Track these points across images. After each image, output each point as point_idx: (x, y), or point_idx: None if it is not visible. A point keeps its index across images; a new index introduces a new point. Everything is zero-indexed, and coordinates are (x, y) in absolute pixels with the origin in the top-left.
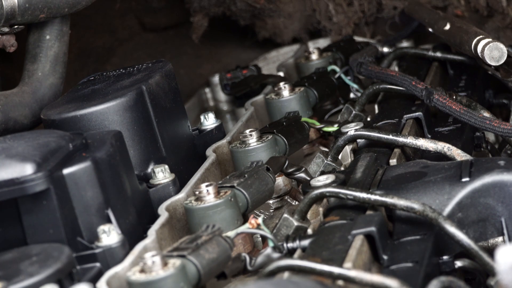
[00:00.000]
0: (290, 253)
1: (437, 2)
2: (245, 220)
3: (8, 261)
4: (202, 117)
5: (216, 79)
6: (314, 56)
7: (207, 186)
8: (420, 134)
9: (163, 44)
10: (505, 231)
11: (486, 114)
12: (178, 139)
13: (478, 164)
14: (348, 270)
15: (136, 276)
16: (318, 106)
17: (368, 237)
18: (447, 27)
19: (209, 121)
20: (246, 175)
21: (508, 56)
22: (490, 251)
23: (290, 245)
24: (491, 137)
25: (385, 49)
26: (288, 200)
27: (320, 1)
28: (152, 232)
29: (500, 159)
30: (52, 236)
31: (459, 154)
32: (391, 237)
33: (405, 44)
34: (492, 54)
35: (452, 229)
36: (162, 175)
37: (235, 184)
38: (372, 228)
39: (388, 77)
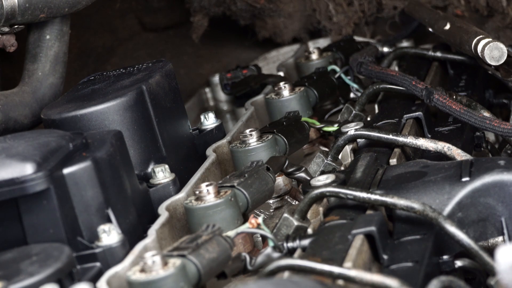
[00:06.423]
0: (290, 252)
1: (437, 2)
2: (245, 219)
3: (8, 261)
4: (202, 117)
5: (216, 79)
6: (314, 56)
7: (207, 185)
8: (420, 134)
9: (163, 44)
10: (505, 231)
11: (486, 114)
12: (178, 139)
13: (478, 163)
14: (348, 269)
15: (136, 275)
16: (318, 106)
17: (368, 236)
18: (447, 27)
19: (209, 121)
20: (246, 175)
21: (508, 56)
22: (490, 251)
23: (290, 244)
24: (491, 137)
25: (385, 49)
26: (288, 200)
27: (320, 1)
28: (152, 231)
29: (500, 159)
30: (52, 235)
31: (459, 154)
32: (391, 236)
33: (405, 44)
34: (492, 54)
35: (452, 228)
36: (162, 174)
37: (235, 184)
38: (372, 228)
39: (388, 77)
